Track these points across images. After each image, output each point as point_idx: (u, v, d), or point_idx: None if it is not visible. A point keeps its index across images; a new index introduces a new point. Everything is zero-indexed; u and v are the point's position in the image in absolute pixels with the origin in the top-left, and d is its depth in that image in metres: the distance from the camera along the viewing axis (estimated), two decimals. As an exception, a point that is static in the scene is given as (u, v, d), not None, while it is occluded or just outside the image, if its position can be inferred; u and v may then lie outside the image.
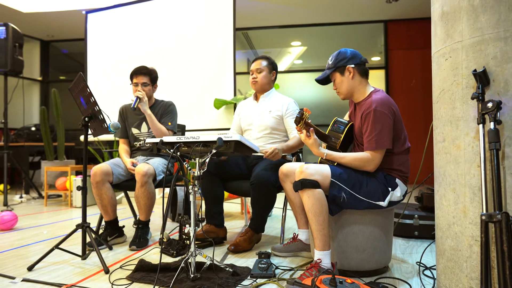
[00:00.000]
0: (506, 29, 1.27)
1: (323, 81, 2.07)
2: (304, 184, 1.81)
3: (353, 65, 1.97)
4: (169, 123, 2.78)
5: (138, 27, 4.83)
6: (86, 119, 2.20)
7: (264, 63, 2.67)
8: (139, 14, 4.83)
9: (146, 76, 2.78)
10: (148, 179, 2.47)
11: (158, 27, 4.70)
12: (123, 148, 2.85)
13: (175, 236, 2.85)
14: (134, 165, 2.61)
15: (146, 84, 2.77)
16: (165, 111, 2.84)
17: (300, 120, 1.87)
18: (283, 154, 2.64)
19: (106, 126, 2.18)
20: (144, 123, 2.84)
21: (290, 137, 2.61)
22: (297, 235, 2.35)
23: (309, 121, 1.94)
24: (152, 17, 4.75)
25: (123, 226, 2.71)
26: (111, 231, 2.62)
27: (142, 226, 2.57)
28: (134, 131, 2.86)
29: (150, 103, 2.85)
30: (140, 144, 2.84)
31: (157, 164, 2.63)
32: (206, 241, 2.51)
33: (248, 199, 3.37)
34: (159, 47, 4.68)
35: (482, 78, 1.28)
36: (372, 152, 1.86)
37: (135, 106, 2.61)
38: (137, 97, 2.63)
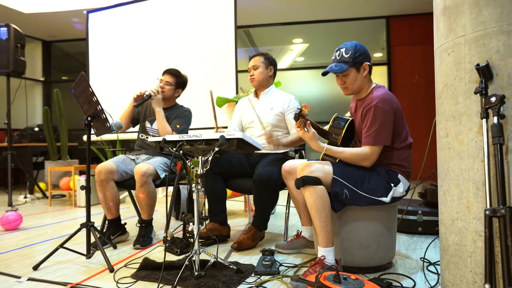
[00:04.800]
0: (509, 23, 1.26)
1: (327, 72, 1.96)
2: (306, 181, 1.81)
3: (369, 63, 1.95)
4: (178, 126, 2.78)
5: (139, 26, 4.82)
6: (89, 118, 2.20)
7: (260, 59, 2.67)
8: (140, 13, 4.83)
9: (172, 76, 2.87)
10: (147, 178, 2.47)
11: (159, 26, 4.70)
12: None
13: (179, 234, 2.85)
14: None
15: (169, 83, 2.85)
16: (180, 115, 2.85)
17: (299, 116, 1.85)
18: (286, 151, 2.64)
19: (108, 125, 2.19)
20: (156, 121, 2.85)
21: (291, 133, 2.61)
22: (301, 232, 2.35)
23: (308, 118, 1.94)
24: (153, 16, 4.74)
25: (125, 224, 2.72)
26: (114, 230, 2.63)
27: (146, 225, 2.58)
28: (147, 124, 2.91)
29: (169, 105, 2.90)
30: (146, 137, 2.88)
31: (158, 163, 2.63)
32: (210, 239, 2.52)
33: (251, 197, 3.38)
34: (160, 46, 4.68)
35: (485, 72, 1.28)
36: (369, 147, 1.85)
37: (137, 104, 2.64)
38: (149, 94, 2.66)
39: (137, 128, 3.01)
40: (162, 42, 4.68)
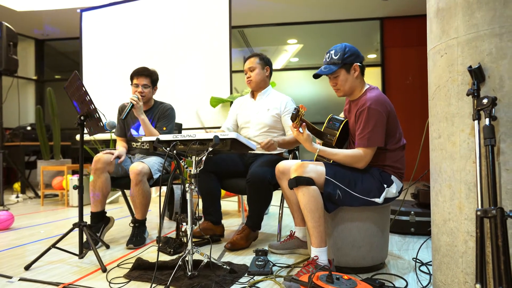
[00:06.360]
0: (501, 25, 1.27)
1: (317, 75, 1.98)
2: (299, 182, 1.82)
3: (359, 64, 1.96)
4: (164, 128, 2.73)
5: (133, 26, 4.81)
6: (82, 118, 2.19)
7: (255, 60, 2.67)
8: (134, 12, 4.81)
9: (147, 77, 2.72)
10: (142, 177, 2.46)
11: (153, 25, 4.68)
12: (121, 145, 2.84)
13: (172, 234, 2.84)
14: (120, 161, 2.63)
15: (147, 86, 2.72)
16: (163, 115, 2.79)
17: (296, 117, 1.86)
18: (280, 152, 2.64)
19: (102, 124, 2.17)
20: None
21: (287, 135, 2.61)
22: (294, 232, 2.36)
23: (304, 119, 1.94)
24: (147, 16, 4.73)
25: (106, 212, 2.66)
26: (97, 226, 2.57)
27: (139, 225, 2.57)
28: (133, 132, 2.85)
29: (149, 105, 2.82)
30: (137, 145, 2.84)
31: (153, 162, 2.62)
32: (203, 239, 2.51)
33: (245, 197, 3.38)
34: (154, 45, 4.67)
35: (478, 74, 1.29)
36: (363, 149, 1.86)
37: (124, 117, 2.49)
38: (131, 104, 2.52)
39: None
40: (156, 42, 4.66)
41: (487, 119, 1.23)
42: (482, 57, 1.31)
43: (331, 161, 1.97)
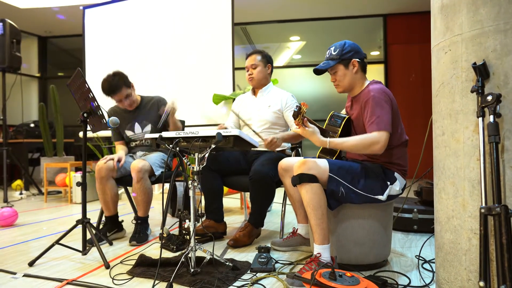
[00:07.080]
0: (506, 22, 1.26)
1: (320, 71, 1.99)
2: (302, 179, 1.81)
3: (358, 59, 1.96)
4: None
5: (136, 23, 4.80)
6: (85, 115, 2.19)
7: (258, 57, 2.66)
8: (137, 9, 4.80)
9: (121, 90, 2.65)
10: (143, 175, 2.47)
11: (156, 22, 4.68)
12: (120, 148, 2.84)
13: (175, 231, 2.85)
14: (121, 164, 2.62)
15: (128, 96, 2.70)
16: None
17: (298, 114, 1.85)
18: (283, 149, 2.64)
19: (105, 121, 2.18)
20: (136, 124, 2.81)
21: (292, 129, 2.60)
22: (297, 229, 2.36)
23: (306, 116, 1.93)
24: (150, 13, 4.72)
25: (122, 221, 2.72)
26: (110, 226, 2.62)
27: (142, 222, 2.58)
28: (128, 133, 2.84)
29: (137, 103, 2.81)
30: (136, 144, 2.84)
31: (154, 159, 2.63)
32: (206, 236, 2.52)
33: (248, 194, 3.38)
34: (157, 42, 4.66)
35: (482, 71, 1.28)
36: (377, 132, 1.80)
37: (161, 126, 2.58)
38: (167, 112, 2.57)
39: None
40: (158, 39, 4.66)
41: (492, 116, 1.22)
42: (487, 54, 1.30)
43: (334, 157, 1.96)
